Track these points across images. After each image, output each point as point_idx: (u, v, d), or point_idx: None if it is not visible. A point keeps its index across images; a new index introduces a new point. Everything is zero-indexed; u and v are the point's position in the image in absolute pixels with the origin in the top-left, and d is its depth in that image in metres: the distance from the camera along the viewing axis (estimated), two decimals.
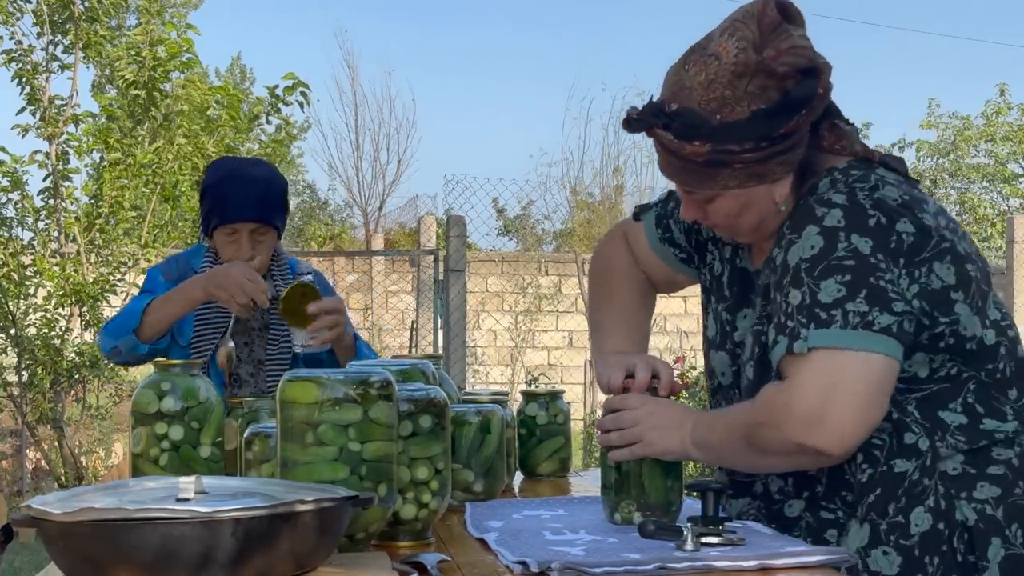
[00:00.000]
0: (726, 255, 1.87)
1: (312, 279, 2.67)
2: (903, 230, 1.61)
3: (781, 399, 1.59)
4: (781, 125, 1.62)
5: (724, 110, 1.61)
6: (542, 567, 1.43)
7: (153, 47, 7.46)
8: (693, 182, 1.70)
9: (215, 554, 1.23)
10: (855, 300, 1.56)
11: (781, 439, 1.59)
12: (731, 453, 1.71)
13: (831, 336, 1.56)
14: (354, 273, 12.59)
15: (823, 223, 1.62)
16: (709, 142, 1.62)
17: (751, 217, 1.72)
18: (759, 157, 1.64)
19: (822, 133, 1.72)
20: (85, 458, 7.91)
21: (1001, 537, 1.63)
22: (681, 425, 1.72)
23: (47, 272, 7.32)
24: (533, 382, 10.83)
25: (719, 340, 1.87)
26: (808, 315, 1.58)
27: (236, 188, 2.70)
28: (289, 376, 1.53)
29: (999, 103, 18.71)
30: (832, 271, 1.58)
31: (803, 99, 1.62)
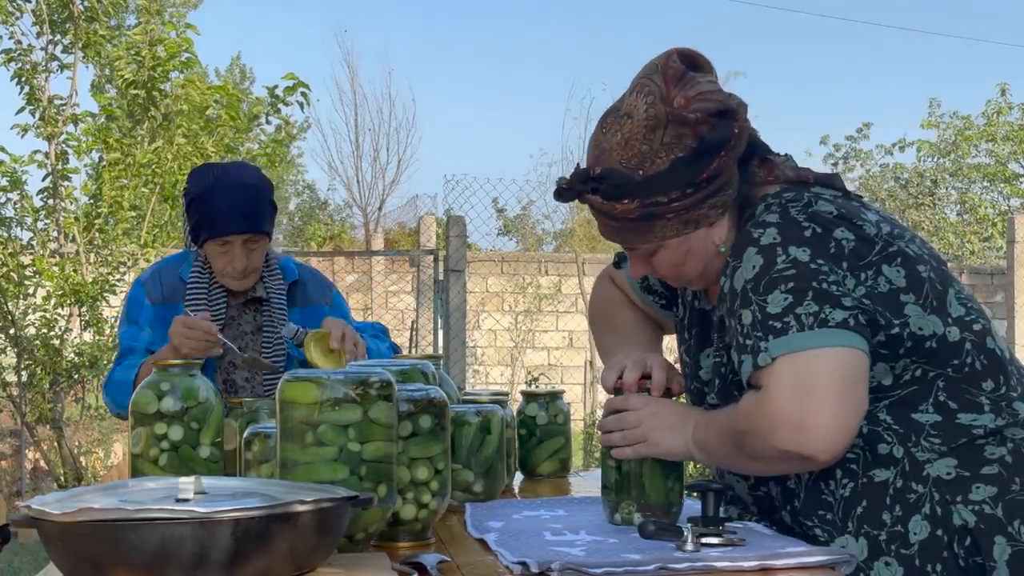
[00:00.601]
0: (687, 298, 1.90)
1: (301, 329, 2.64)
2: (841, 237, 1.63)
3: (760, 409, 1.59)
4: (703, 170, 1.65)
5: (645, 165, 1.64)
6: (542, 567, 1.43)
7: (152, 47, 7.46)
8: (632, 239, 1.73)
9: (214, 554, 1.23)
10: (804, 303, 1.58)
11: (766, 447, 1.59)
12: (725, 457, 1.71)
13: (790, 341, 1.57)
14: (354, 273, 12.59)
15: (760, 243, 1.64)
16: (637, 198, 1.66)
17: (695, 263, 1.75)
18: (688, 204, 1.67)
19: (752, 169, 1.74)
20: (84, 458, 7.91)
21: (1004, 535, 1.62)
22: (684, 424, 1.73)
23: (46, 272, 7.32)
24: (533, 382, 10.83)
25: (688, 382, 1.88)
26: (763, 328, 1.59)
27: (225, 200, 2.66)
28: (289, 376, 1.53)
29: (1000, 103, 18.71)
30: (775, 283, 1.60)
31: (720, 141, 1.64)
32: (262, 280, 2.79)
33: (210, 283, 2.76)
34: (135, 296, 2.82)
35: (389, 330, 3.04)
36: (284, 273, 2.84)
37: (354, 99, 20.68)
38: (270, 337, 2.77)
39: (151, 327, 2.76)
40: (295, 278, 2.86)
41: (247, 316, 2.81)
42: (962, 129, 18.99)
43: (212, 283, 2.76)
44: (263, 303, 2.80)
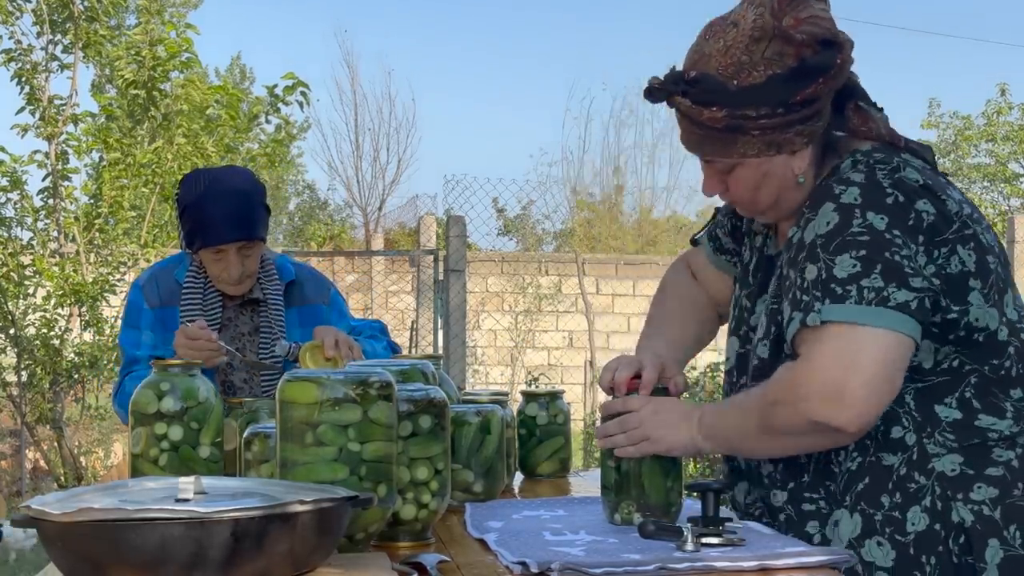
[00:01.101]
0: (756, 244, 1.89)
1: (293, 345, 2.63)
2: (923, 209, 1.62)
3: (797, 377, 1.59)
4: (797, 91, 1.64)
5: (740, 75, 1.64)
6: (542, 567, 1.43)
7: (153, 47, 7.46)
8: (712, 151, 1.71)
9: (214, 554, 1.23)
10: (870, 276, 1.57)
11: (796, 417, 1.59)
12: (743, 438, 1.70)
13: (846, 311, 1.56)
14: (354, 273, 12.59)
15: (840, 200, 1.63)
16: (726, 108, 1.65)
17: (770, 190, 1.73)
18: (776, 124, 1.65)
19: (847, 114, 1.73)
20: (84, 458, 7.91)
21: (999, 538, 1.62)
22: (687, 418, 1.72)
23: (46, 272, 7.32)
24: (533, 382, 10.83)
25: (734, 326, 1.88)
26: (823, 290, 1.59)
27: (217, 208, 2.64)
28: (289, 376, 1.53)
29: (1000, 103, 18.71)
30: (847, 247, 1.59)
31: (820, 68, 1.64)
32: (258, 281, 2.78)
33: (205, 286, 2.75)
34: (134, 301, 2.81)
35: (387, 327, 3.03)
36: (281, 273, 2.83)
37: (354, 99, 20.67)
38: (267, 338, 2.77)
39: (151, 330, 2.75)
40: (292, 278, 2.84)
41: (244, 317, 2.80)
42: (962, 129, 18.99)
43: (207, 286, 2.75)
44: (260, 304, 2.79)
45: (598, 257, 13.38)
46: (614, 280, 12.59)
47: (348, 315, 2.91)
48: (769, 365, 1.72)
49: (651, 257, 13.79)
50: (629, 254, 14.63)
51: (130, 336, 2.78)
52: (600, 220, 17.19)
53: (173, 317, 2.74)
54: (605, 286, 12.56)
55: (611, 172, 17.65)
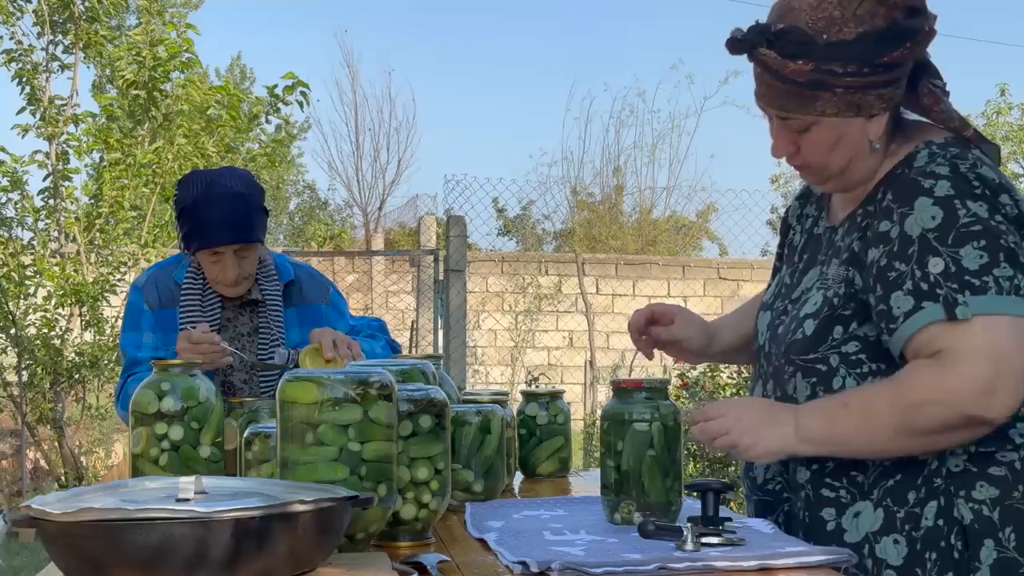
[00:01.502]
0: (806, 226, 1.90)
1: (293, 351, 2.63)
2: (1006, 203, 1.64)
3: (947, 375, 1.57)
4: (885, 52, 1.64)
5: (831, 30, 1.63)
6: (542, 567, 1.43)
7: (153, 47, 7.46)
8: (791, 106, 1.70)
9: (215, 554, 1.23)
10: (999, 265, 1.58)
11: (949, 414, 1.58)
12: (872, 440, 1.64)
13: (990, 302, 1.57)
14: (354, 273, 12.59)
15: (934, 193, 1.63)
16: (813, 61, 1.64)
17: (843, 153, 1.72)
18: (860, 84, 1.65)
19: (921, 91, 1.73)
20: (85, 458, 7.91)
21: (994, 539, 1.63)
22: (776, 422, 1.69)
23: (47, 272, 7.32)
24: (533, 382, 10.82)
25: (770, 301, 1.88)
26: (959, 281, 1.58)
27: (214, 210, 2.64)
28: (289, 376, 1.53)
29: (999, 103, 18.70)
30: (966, 238, 1.60)
31: (909, 31, 1.64)
32: (257, 282, 2.78)
33: (204, 287, 2.75)
34: (134, 302, 2.82)
35: (387, 325, 3.03)
36: (280, 273, 2.82)
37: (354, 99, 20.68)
38: (267, 338, 2.77)
39: (152, 331, 2.75)
40: (291, 278, 2.84)
41: (243, 318, 2.80)
42: None
43: (206, 287, 2.75)
44: (259, 305, 2.79)
45: (598, 257, 13.37)
46: (614, 280, 12.59)
47: (347, 314, 2.91)
48: (810, 342, 1.71)
49: (651, 257, 13.79)
50: (629, 254, 14.63)
51: (131, 338, 2.78)
52: (600, 220, 17.18)
53: (173, 318, 2.74)
54: (605, 286, 12.56)
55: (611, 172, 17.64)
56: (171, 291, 2.77)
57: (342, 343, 2.55)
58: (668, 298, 12.61)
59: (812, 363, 1.72)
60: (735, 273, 13.02)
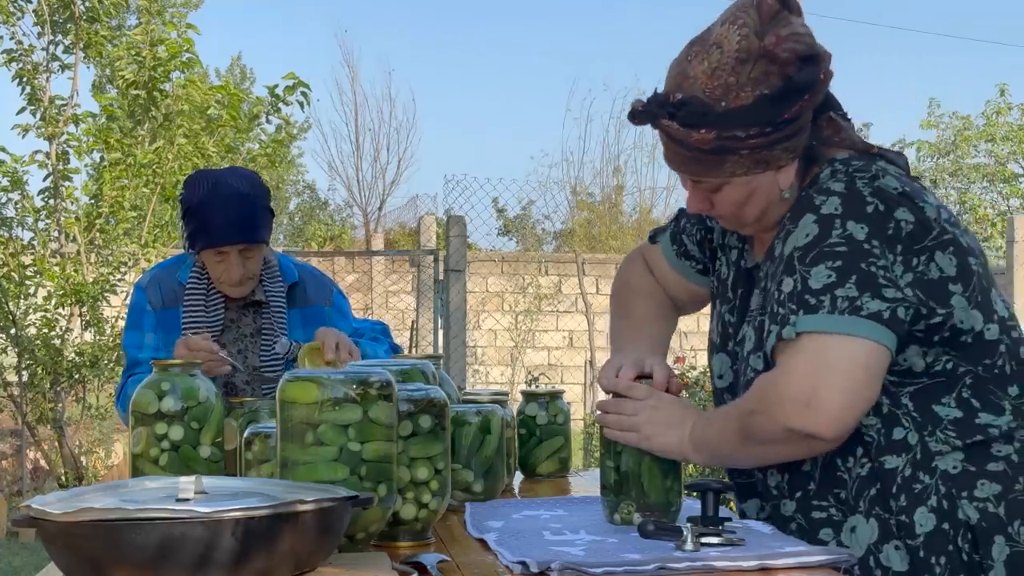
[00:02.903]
0: (732, 258, 1.89)
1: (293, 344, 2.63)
2: (902, 218, 1.62)
3: (770, 386, 1.60)
4: (785, 110, 1.64)
5: (729, 96, 1.63)
6: (542, 567, 1.43)
7: (153, 47, 7.46)
8: (700, 171, 1.71)
9: (215, 554, 1.23)
10: (844, 286, 1.58)
11: (772, 425, 1.59)
12: (726, 447, 1.70)
13: (819, 321, 1.57)
14: (354, 273, 12.59)
15: (820, 211, 1.63)
16: (715, 129, 1.64)
17: (756, 205, 1.73)
18: (764, 143, 1.65)
19: (821, 124, 1.73)
20: (85, 458, 7.91)
21: (1004, 535, 1.62)
22: (680, 424, 1.72)
23: (47, 272, 7.32)
24: (533, 382, 10.82)
25: (720, 342, 1.88)
26: (798, 302, 1.60)
27: (220, 210, 2.64)
28: (289, 376, 1.53)
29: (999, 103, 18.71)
30: (824, 257, 1.60)
31: (805, 84, 1.64)
32: (261, 283, 2.78)
33: (208, 287, 2.75)
34: (137, 302, 2.81)
35: (389, 328, 3.03)
36: (283, 274, 2.82)
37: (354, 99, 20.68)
38: (269, 339, 2.77)
39: (154, 332, 2.75)
40: (295, 279, 2.84)
41: (246, 319, 2.80)
42: (961, 129, 18.99)
43: (210, 287, 2.75)
44: (262, 306, 2.79)
45: (598, 257, 13.37)
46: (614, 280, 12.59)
47: (350, 316, 2.91)
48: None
49: None
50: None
51: (133, 338, 2.78)
52: (600, 220, 17.17)
53: (175, 318, 2.74)
54: (605, 286, 12.55)
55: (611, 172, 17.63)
56: (174, 291, 2.77)
57: (344, 348, 2.54)
58: None
59: None
60: None
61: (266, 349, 2.76)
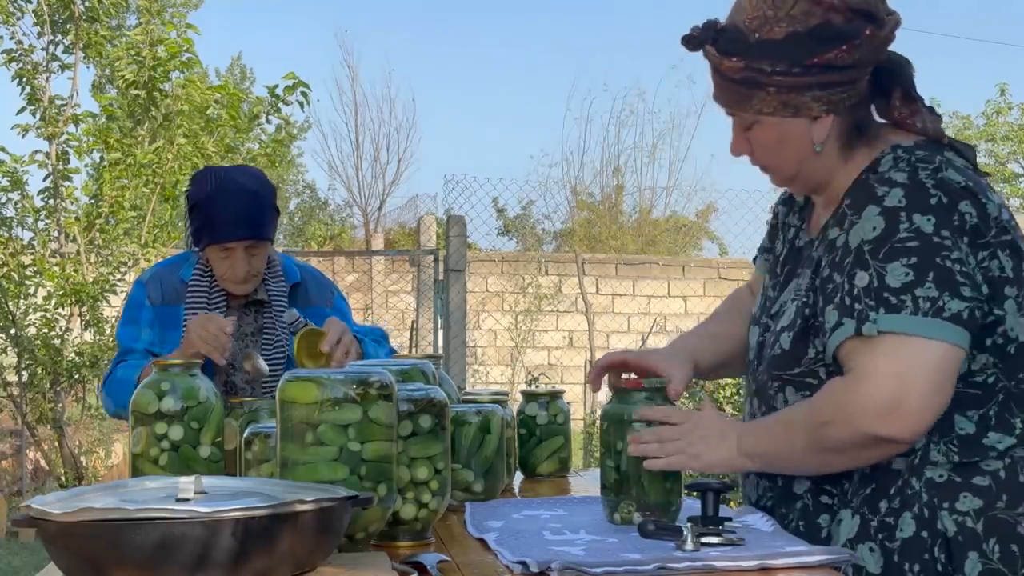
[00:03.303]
0: (788, 236, 1.89)
1: (301, 319, 2.63)
2: (966, 211, 1.60)
3: (851, 394, 1.58)
4: (815, 54, 1.63)
5: (764, 28, 1.64)
6: (542, 567, 1.43)
7: (153, 47, 7.46)
8: (730, 102, 1.72)
9: (215, 554, 1.23)
10: (924, 285, 1.56)
11: (853, 434, 1.57)
12: (790, 457, 1.67)
13: (902, 322, 1.55)
14: (354, 273, 12.59)
15: (883, 203, 1.61)
16: (745, 59, 1.65)
17: (788, 155, 1.72)
18: (791, 83, 1.65)
19: (893, 102, 1.72)
20: (85, 458, 7.91)
21: (978, 551, 1.61)
22: (725, 435, 1.70)
23: (47, 272, 7.32)
24: (533, 382, 10.83)
25: (757, 315, 1.87)
26: (876, 299, 1.57)
27: (227, 205, 2.65)
28: (289, 376, 1.53)
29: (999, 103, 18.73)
30: (897, 254, 1.58)
31: (842, 34, 1.62)
32: (264, 282, 2.79)
33: (211, 285, 2.76)
34: (136, 297, 2.81)
35: (388, 333, 3.03)
36: (286, 275, 2.84)
37: (354, 99, 20.68)
38: (270, 339, 2.77)
39: (150, 327, 2.75)
40: (297, 280, 2.85)
41: (248, 318, 2.81)
42: (961, 129, 19.00)
43: (213, 285, 2.76)
44: (264, 305, 2.80)
45: (598, 257, 13.38)
46: (614, 280, 12.59)
47: (351, 319, 2.91)
48: (789, 356, 1.71)
49: (651, 257, 13.79)
50: (629, 254, 14.63)
51: (129, 332, 2.78)
52: (600, 220, 17.18)
53: (174, 316, 2.74)
54: (605, 286, 12.56)
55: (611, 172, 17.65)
56: (176, 289, 2.77)
57: (343, 346, 2.54)
58: (668, 298, 12.62)
59: (801, 377, 1.71)
60: (735, 273, 13.02)
61: (267, 348, 2.76)
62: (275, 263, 2.82)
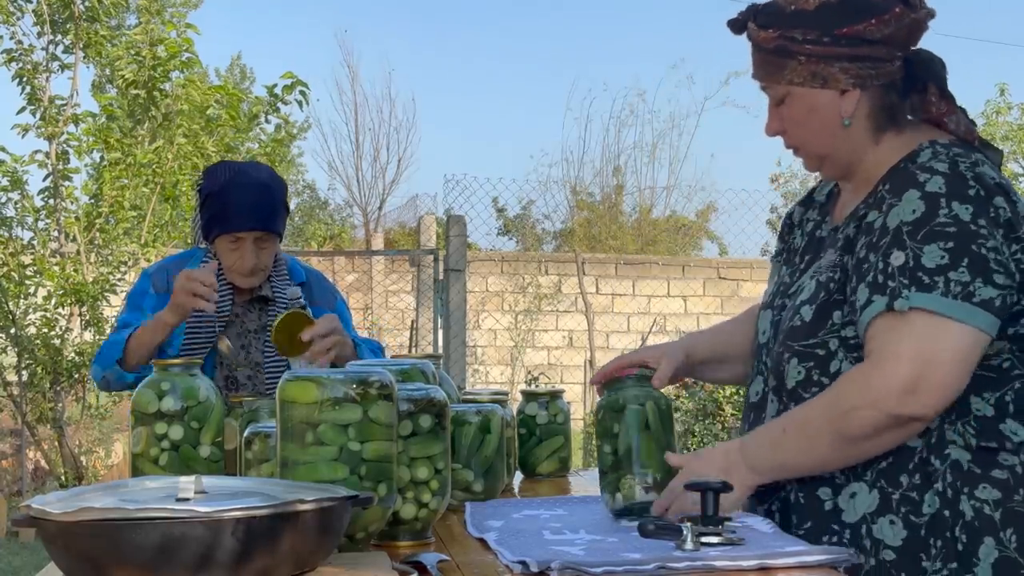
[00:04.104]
0: (807, 229, 1.92)
1: (303, 303, 2.64)
2: (1000, 205, 1.65)
3: (874, 376, 1.60)
4: (844, 24, 1.70)
5: (799, 1, 1.73)
6: (542, 567, 1.43)
7: (153, 47, 7.46)
8: (764, 74, 1.79)
9: (215, 554, 1.23)
10: (958, 269, 1.59)
11: (876, 416, 1.60)
12: (817, 457, 1.67)
13: (932, 301, 1.59)
14: (354, 273, 12.59)
15: (925, 188, 1.66)
16: (779, 29, 1.74)
17: (818, 128, 1.76)
18: (819, 53, 1.72)
19: (930, 98, 1.77)
20: (85, 458, 7.91)
21: (995, 539, 1.64)
22: (727, 466, 1.69)
23: (47, 272, 7.32)
24: (533, 382, 10.82)
25: (770, 300, 1.89)
26: (910, 277, 1.61)
27: (239, 196, 2.69)
28: (289, 376, 1.53)
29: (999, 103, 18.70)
30: (935, 236, 1.62)
31: (874, 6, 1.70)
32: (269, 280, 2.81)
33: (217, 279, 2.78)
34: (140, 286, 2.86)
35: (384, 349, 3.05)
36: (291, 274, 2.86)
37: (354, 99, 20.70)
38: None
39: (153, 312, 2.77)
40: (302, 280, 2.88)
41: (252, 315, 2.83)
42: None
43: (219, 279, 2.78)
44: (268, 303, 2.82)
45: (598, 257, 13.38)
46: (614, 280, 12.59)
47: (351, 326, 2.92)
48: (808, 328, 1.73)
49: (650, 257, 13.79)
50: (629, 254, 14.63)
51: (131, 315, 2.80)
52: (600, 220, 17.18)
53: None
54: (605, 286, 12.57)
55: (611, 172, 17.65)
56: None
57: (328, 342, 2.53)
58: (668, 298, 12.62)
59: (810, 348, 1.73)
60: (735, 273, 13.03)
61: (270, 345, 2.78)
62: (281, 263, 2.85)
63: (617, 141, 19.65)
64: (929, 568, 1.64)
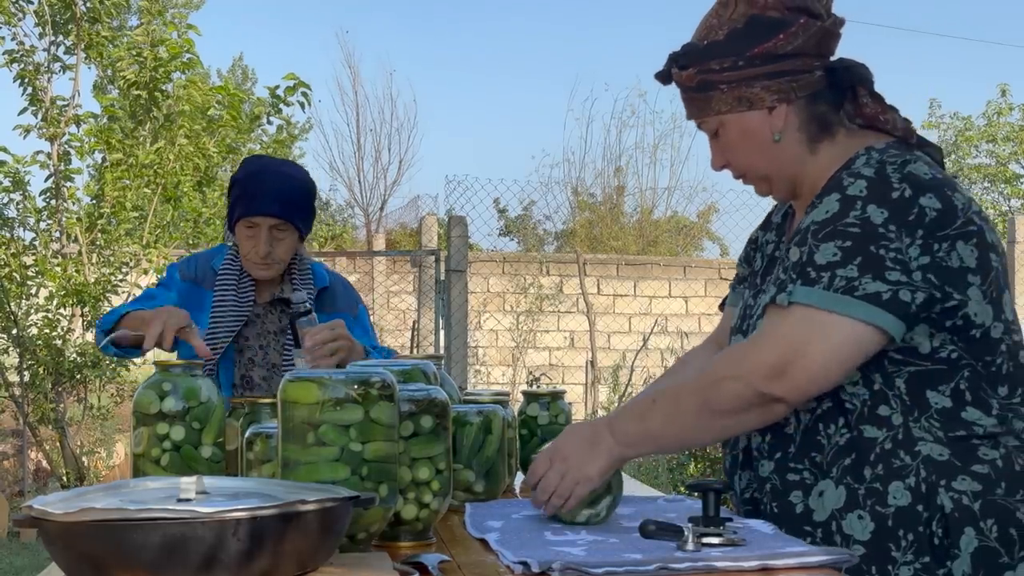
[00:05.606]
0: (767, 251, 1.95)
1: (309, 305, 2.63)
2: (927, 204, 1.66)
3: (747, 352, 1.66)
4: (754, 44, 1.74)
5: (710, 35, 1.78)
6: (543, 567, 1.43)
7: (154, 47, 7.47)
8: (695, 112, 1.83)
9: (216, 554, 1.23)
10: (847, 266, 1.63)
11: (743, 389, 1.63)
12: (678, 427, 1.71)
13: (812, 294, 1.63)
14: (355, 273, 12.59)
15: (846, 192, 1.69)
16: (697, 65, 1.78)
17: (753, 148, 1.79)
18: (739, 77, 1.76)
19: (862, 100, 1.80)
20: (87, 458, 7.91)
21: (975, 528, 1.65)
22: (596, 440, 1.72)
23: (49, 272, 7.32)
24: (534, 382, 10.82)
25: (739, 324, 1.92)
26: (799, 272, 1.66)
27: (261, 183, 2.74)
28: (290, 376, 1.53)
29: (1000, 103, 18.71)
30: (836, 235, 1.65)
31: (778, 23, 1.74)
32: (292, 282, 2.82)
33: (240, 275, 2.80)
34: (168, 273, 2.89)
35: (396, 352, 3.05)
36: (315, 278, 2.88)
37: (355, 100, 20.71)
38: (293, 339, 2.78)
39: (177, 293, 2.79)
40: (325, 284, 2.89)
41: (272, 316, 2.85)
42: (962, 130, 19.00)
43: (242, 273, 2.80)
44: (290, 305, 2.82)
45: (599, 257, 13.37)
46: (615, 280, 12.59)
47: (372, 335, 2.92)
48: None
49: (652, 258, 13.78)
50: (630, 254, 14.63)
51: (155, 290, 2.83)
52: (601, 221, 17.18)
53: (199, 297, 2.80)
54: (606, 286, 12.56)
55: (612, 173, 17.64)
56: (206, 273, 2.84)
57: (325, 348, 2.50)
58: (669, 298, 12.62)
59: None
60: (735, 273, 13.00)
61: (288, 348, 2.78)
62: (306, 266, 2.88)
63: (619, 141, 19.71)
64: (900, 559, 1.65)
